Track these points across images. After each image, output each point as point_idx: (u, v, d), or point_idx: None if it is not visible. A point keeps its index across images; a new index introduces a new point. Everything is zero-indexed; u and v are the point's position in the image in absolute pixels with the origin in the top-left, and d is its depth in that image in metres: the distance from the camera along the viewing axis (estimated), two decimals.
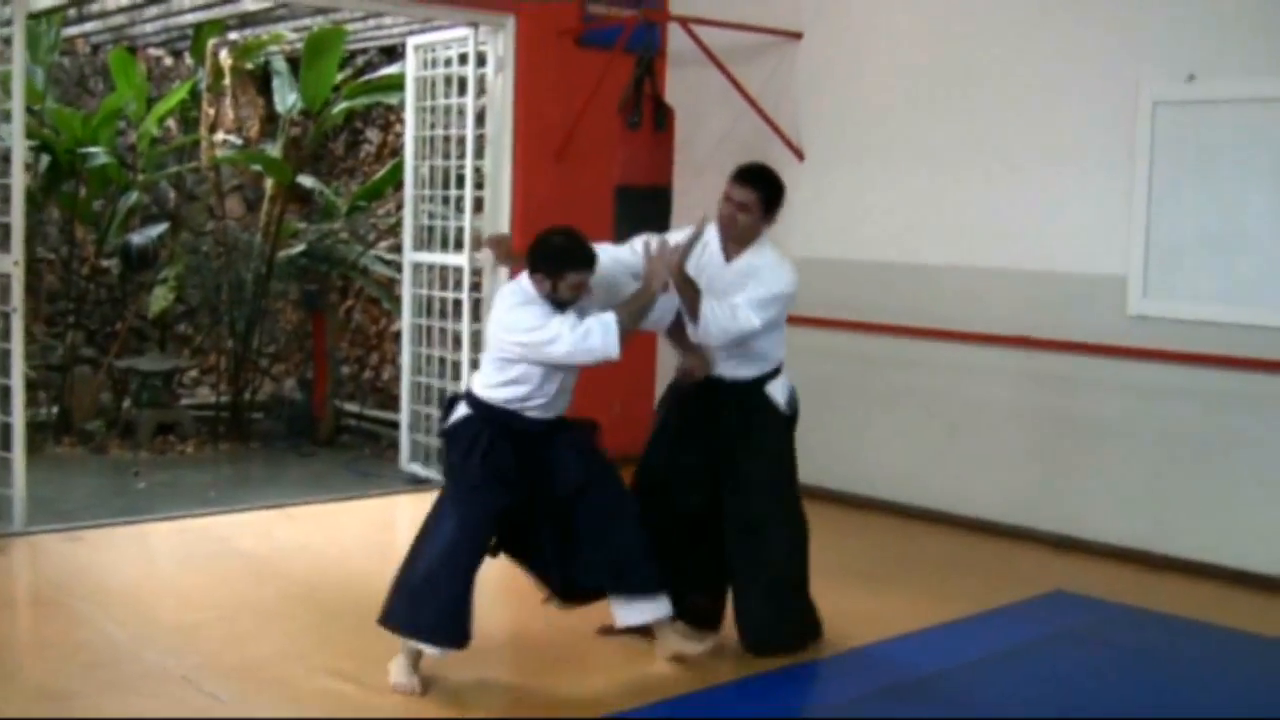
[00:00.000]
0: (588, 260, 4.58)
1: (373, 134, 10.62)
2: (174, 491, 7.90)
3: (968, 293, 7.21)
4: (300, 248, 9.68)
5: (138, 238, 8.73)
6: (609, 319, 4.47)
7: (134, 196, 9.38)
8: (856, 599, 5.81)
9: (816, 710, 4.76)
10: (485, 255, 7.82)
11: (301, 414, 9.87)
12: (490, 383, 4.64)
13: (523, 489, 4.64)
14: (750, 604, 4.96)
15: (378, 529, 7.06)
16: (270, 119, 10.41)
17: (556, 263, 4.54)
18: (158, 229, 9.65)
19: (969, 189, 7.19)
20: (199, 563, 6.14)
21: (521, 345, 4.52)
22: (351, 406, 10.40)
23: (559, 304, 4.55)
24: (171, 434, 9.40)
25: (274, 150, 9.87)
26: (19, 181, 6.45)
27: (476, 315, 7.99)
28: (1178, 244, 6.45)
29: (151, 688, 4.53)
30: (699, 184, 8.44)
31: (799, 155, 7.89)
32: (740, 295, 4.77)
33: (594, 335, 4.45)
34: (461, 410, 4.71)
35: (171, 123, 10.12)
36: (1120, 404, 6.67)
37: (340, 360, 10.43)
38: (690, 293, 4.71)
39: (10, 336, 6.48)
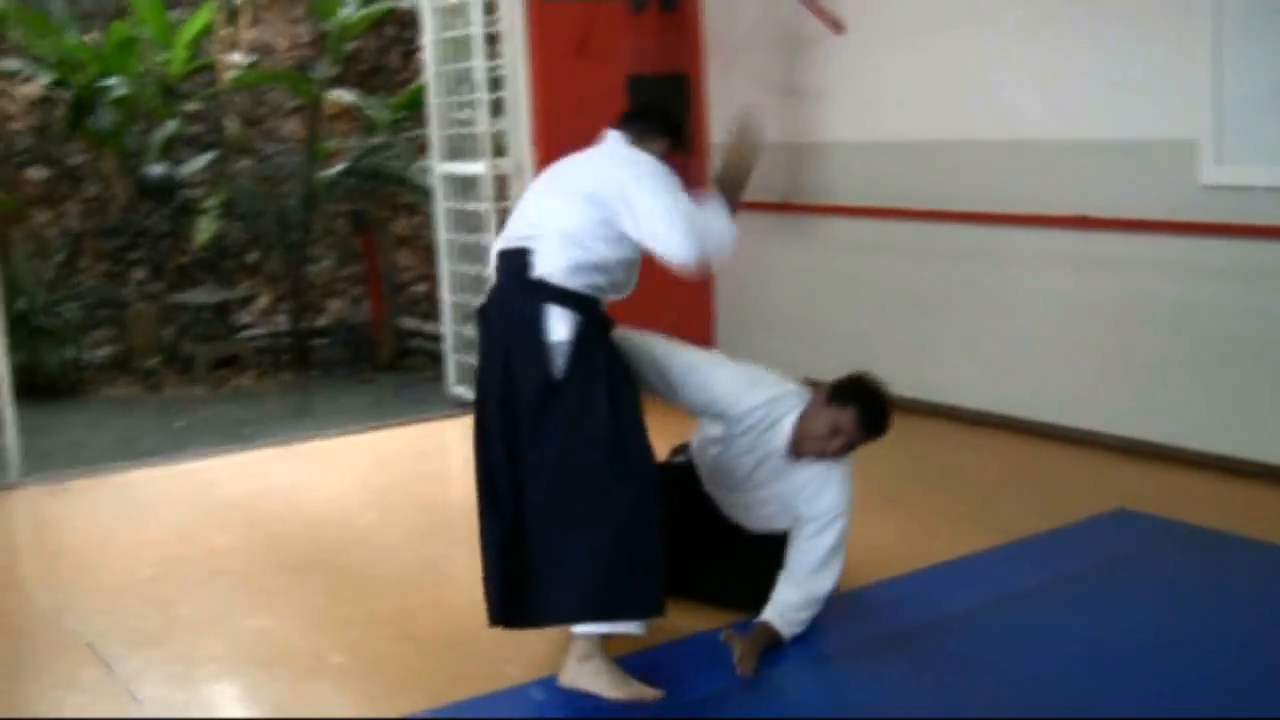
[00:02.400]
0: None
1: None
2: (209, 429, 7.64)
3: (1019, 170, 6.38)
4: (341, 167, 9.26)
5: (155, 169, 8.42)
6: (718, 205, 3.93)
7: (172, 126, 9.08)
8: (894, 523, 5.24)
9: (797, 662, 4.06)
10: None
11: (362, 338, 9.53)
12: (570, 264, 3.72)
13: None
14: None
15: (388, 463, 6.64)
16: (323, 35, 10.00)
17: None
18: (204, 158, 9.36)
19: (1019, 55, 6.32)
20: (171, 512, 5.83)
21: (650, 215, 3.71)
22: (430, 326, 10.01)
23: None
24: (232, 367, 9.17)
25: (326, 68, 9.48)
26: None
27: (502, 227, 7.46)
28: (1254, 101, 5.52)
29: (41, 661, 4.23)
30: (734, 69, 7.77)
31: (837, 28, 7.10)
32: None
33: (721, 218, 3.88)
34: (565, 313, 3.69)
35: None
36: (1193, 288, 5.80)
37: (397, 282, 10.03)
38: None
39: None
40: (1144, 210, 5.89)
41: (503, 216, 7.49)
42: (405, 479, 6.28)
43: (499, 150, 7.58)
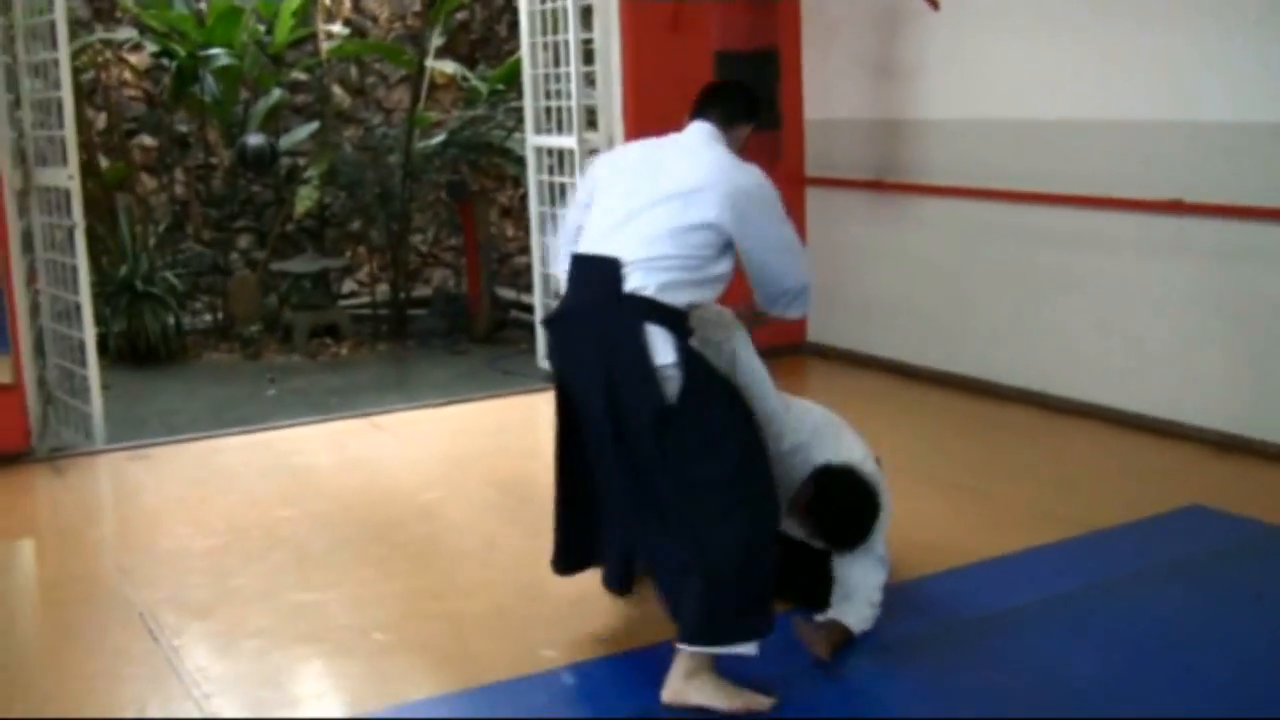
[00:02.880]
0: None
1: None
2: (299, 399, 7.70)
3: (1116, 152, 6.11)
4: (440, 138, 9.27)
5: (253, 139, 8.49)
6: None
7: (276, 95, 9.16)
8: (963, 512, 5.08)
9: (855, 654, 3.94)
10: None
11: (460, 310, 9.55)
12: (669, 279, 3.52)
13: None
14: None
15: (468, 436, 6.62)
16: (432, 5, 10.01)
17: None
18: (307, 128, 9.44)
19: (1119, 34, 6.04)
20: (245, 482, 5.88)
21: (780, 243, 3.69)
22: (528, 298, 10.00)
23: None
24: (331, 336, 9.25)
25: (436, 38, 9.49)
26: (69, 93, 6.21)
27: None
28: None
29: (94, 629, 4.29)
30: (831, 45, 7.60)
31: (934, 4, 6.88)
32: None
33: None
34: (667, 334, 3.50)
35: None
36: None
37: (499, 253, 10.03)
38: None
39: (75, 252, 6.30)
40: (1246, 196, 5.61)
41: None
42: (482, 453, 6.26)
43: (590, 123, 7.51)
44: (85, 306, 6.33)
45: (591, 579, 4.07)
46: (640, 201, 3.59)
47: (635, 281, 3.49)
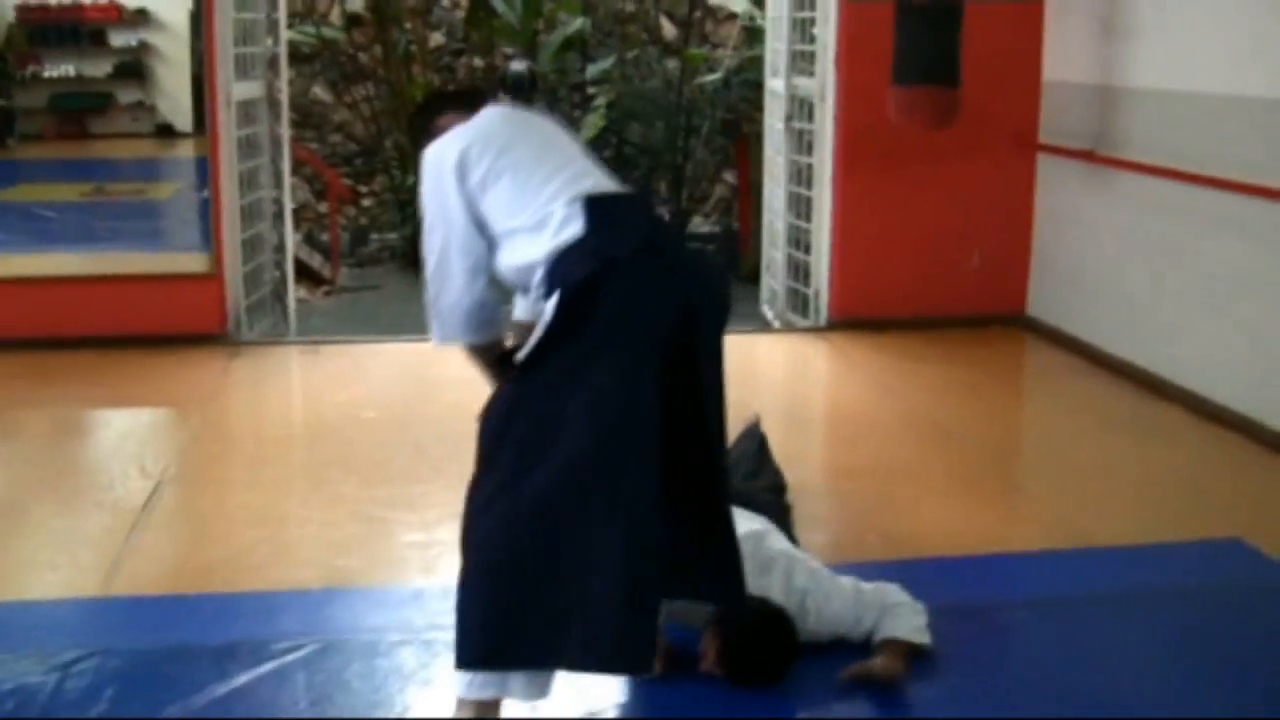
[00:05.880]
0: None
1: None
2: None
3: None
4: (717, 75, 9.31)
5: (517, 64, 8.85)
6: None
7: (577, 23, 9.50)
8: (994, 504, 4.76)
9: None
10: None
11: (731, 248, 9.63)
12: None
13: None
14: None
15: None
16: None
17: None
18: (607, 60, 9.74)
19: None
20: (367, 384, 6.23)
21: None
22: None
23: None
24: None
25: None
26: (283, 10, 6.82)
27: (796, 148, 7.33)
28: None
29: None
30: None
31: None
32: None
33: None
34: None
35: None
36: None
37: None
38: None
39: (283, 157, 6.95)
40: None
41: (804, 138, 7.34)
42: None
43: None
44: (286, 210, 6.98)
45: None
46: (571, 154, 3.14)
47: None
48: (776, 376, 6.81)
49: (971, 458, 5.22)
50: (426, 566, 4.08)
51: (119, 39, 16.82)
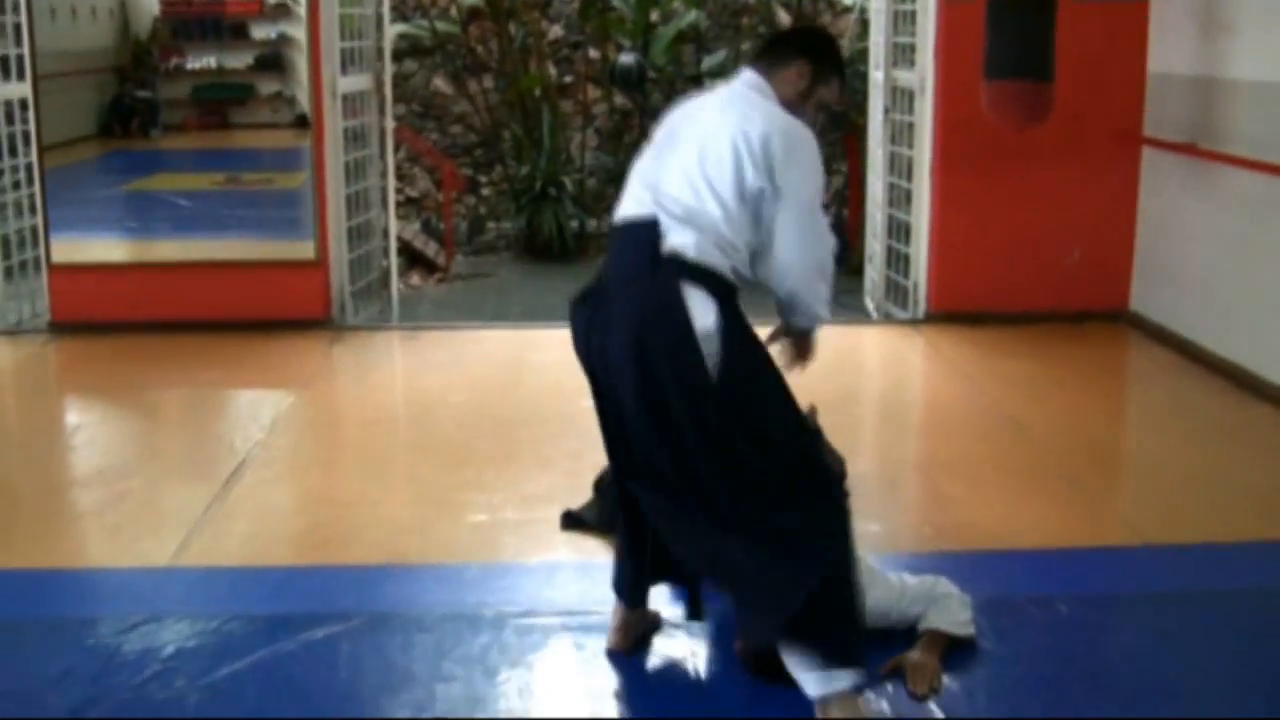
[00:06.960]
0: None
1: None
2: None
3: None
4: None
5: (624, 57, 8.92)
6: None
7: (690, 16, 9.56)
8: (1061, 502, 4.68)
9: None
10: None
11: (840, 241, 9.59)
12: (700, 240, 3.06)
13: None
14: None
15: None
16: None
17: None
18: (720, 53, 9.78)
19: None
20: (464, 370, 6.35)
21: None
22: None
23: None
24: None
25: None
26: (387, 5, 7.00)
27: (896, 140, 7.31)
28: None
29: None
30: None
31: None
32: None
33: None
34: (706, 297, 3.03)
35: None
36: None
37: None
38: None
39: (386, 149, 7.13)
40: None
41: (905, 130, 7.31)
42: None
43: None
44: (390, 200, 7.17)
45: None
46: (671, 157, 3.16)
47: (673, 241, 3.04)
48: (867, 368, 6.80)
49: (1040, 453, 5.17)
50: (485, 546, 4.20)
51: (260, 31, 17.27)
